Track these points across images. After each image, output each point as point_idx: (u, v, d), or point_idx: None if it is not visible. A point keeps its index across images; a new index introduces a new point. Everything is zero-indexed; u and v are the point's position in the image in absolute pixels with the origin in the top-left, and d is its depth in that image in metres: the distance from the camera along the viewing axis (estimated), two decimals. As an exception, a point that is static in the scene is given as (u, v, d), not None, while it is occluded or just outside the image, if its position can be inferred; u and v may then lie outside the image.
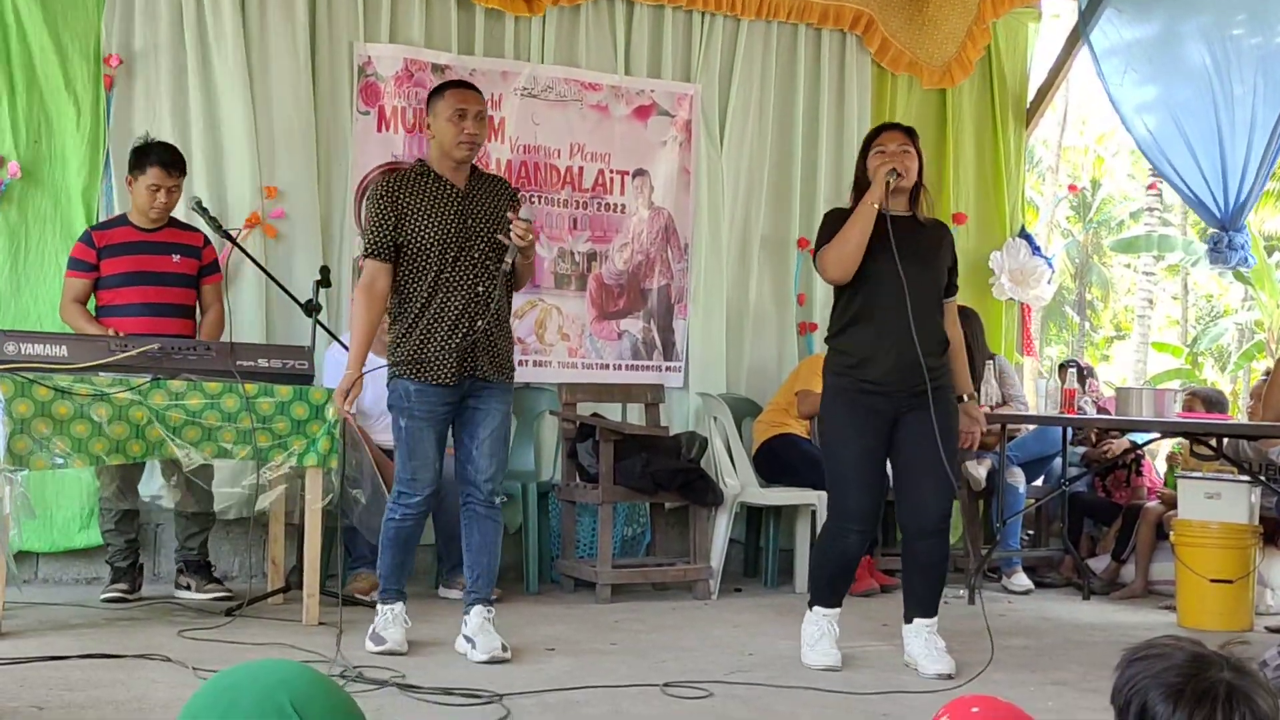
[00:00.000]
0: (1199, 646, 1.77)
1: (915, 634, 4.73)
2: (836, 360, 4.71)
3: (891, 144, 4.69)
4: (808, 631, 4.76)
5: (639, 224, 7.11)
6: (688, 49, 7.27)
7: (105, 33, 5.97)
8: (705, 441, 6.62)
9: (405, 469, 4.64)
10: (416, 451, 4.60)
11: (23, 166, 5.85)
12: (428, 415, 4.59)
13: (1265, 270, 18.41)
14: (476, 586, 4.71)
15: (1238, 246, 7.70)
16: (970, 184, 8.11)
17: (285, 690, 1.65)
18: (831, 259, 4.62)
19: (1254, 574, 6.06)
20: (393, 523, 4.68)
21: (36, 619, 5.04)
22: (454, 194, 4.63)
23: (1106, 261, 29.63)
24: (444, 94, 4.68)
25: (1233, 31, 7.54)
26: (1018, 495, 6.97)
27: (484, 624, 4.65)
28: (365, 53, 6.46)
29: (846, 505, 4.63)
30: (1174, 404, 6.57)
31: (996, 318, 8.07)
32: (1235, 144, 7.54)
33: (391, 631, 4.65)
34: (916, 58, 7.73)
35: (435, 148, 4.68)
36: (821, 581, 4.78)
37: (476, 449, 4.65)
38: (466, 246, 4.57)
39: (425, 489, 4.62)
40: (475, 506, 4.69)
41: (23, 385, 4.62)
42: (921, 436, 4.58)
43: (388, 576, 4.74)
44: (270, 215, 6.18)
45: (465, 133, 4.58)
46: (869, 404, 4.61)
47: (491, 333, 4.61)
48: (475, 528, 4.71)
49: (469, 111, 4.60)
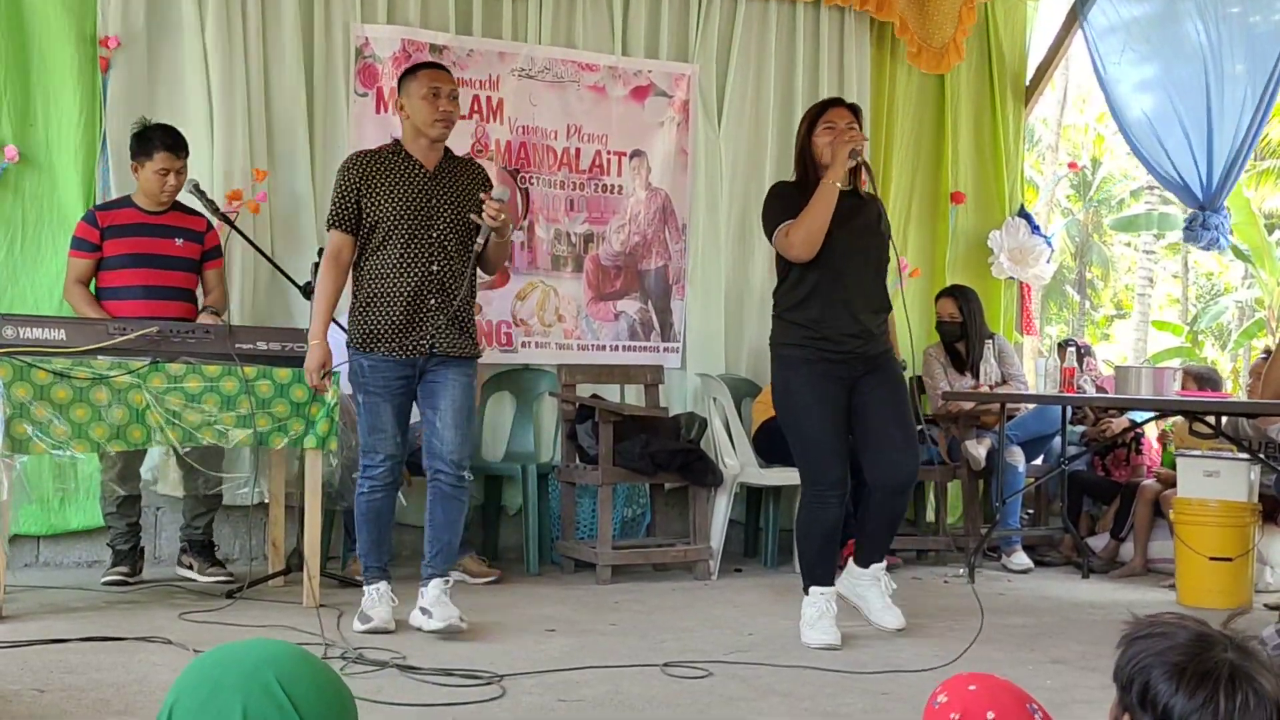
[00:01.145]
0: (1202, 625, 1.77)
1: (872, 579, 4.92)
2: (795, 332, 4.80)
3: (840, 121, 4.79)
4: (807, 613, 4.79)
5: (636, 205, 7.10)
6: (685, 29, 7.25)
7: (101, 14, 5.95)
8: (704, 422, 6.63)
9: (365, 442, 4.74)
10: (374, 425, 4.70)
11: (19, 150, 5.83)
12: (382, 388, 4.68)
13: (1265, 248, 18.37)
14: (434, 563, 4.73)
15: (1212, 226, 7.69)
16: (969, 163, 8.10)
17: (271, 667, 1.65)
18: (800, 239, 4.70)
19: (1253, 552, 6.07)
20: (362, 497, 4.76)
21: (37, 602, 5.05)
22: (420, 174, 4.70)
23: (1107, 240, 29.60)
24: (416, 74, 4.77)
25: (1229, 9, 7.51)
26: (1017, 474, 6.98)
27: (440, 595, 4.66)
28: (363, 34, 6.44)
29: (824, 473, 4.73)
30: (1173, 382, 6.57)
31: (996, 297, 8.06)
32: (1225, 124, 7.53)
33: (378, 610, 4.67)
34: (917, 37, 7.69)
35: (409, 128, 4.75)
36: (811, 556, 4.84)
37: (440, 420, 4.69)
38: (426, 226, 4.64)
39: (385, 459, 4.70)
40: (442, 484, 4.72)
41: (21, 369, 4.61)
42: (884, 397, 4.78)
43: (367, 554, 4.80)
44: (256, 196, 6.16)
45: (440, 110, 4.67)
46: (830, 371, 4.74)
47: (448, 310, 4.66)
48: (439, 505, 4.74)
49: (443, 90, 4.69)
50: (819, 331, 4.74)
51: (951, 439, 7.12)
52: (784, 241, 4.75)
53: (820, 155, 4.77)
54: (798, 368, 4.77)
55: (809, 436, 4.76)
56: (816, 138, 4.79)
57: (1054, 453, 7.33)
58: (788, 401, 4.84)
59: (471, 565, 5.95)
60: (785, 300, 4.87)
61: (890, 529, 4.97)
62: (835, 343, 4.73)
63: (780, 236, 4.76)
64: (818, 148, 4.78)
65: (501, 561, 6.38)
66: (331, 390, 5.04)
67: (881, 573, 4.96)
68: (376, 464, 4.72)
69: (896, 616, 4.89)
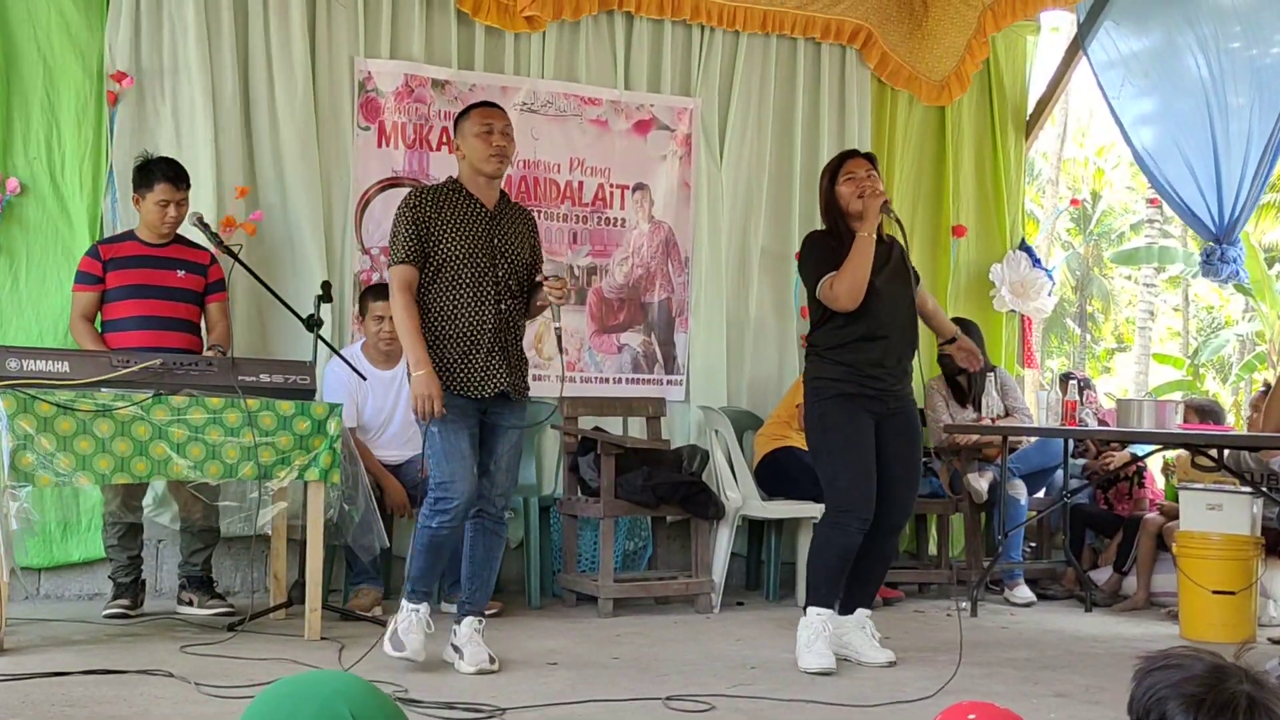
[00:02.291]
0: (1218, 658, 1.77)
1: (859, 625, 5.03)
2: (836, 369, 4.96)
3: (860, 170, 5.02)
4: (803, 635, 4.89)
5: (639, 238, 7.12)
6: (687, 63, 7.29)
7: (109, 49, 5.99)
8: (706, 454, 6.63)
9: (442, 472, 4.57)
10: (452, 454, 4.57)
11: (24, 183, 5.86)
12: (459, 419, 4.59)
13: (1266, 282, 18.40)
14: (474, 599, 4.76)
15: (1230, 260, 7.71)
16: (970, 196, 8.12)
17: (344, 700, 1.67)
18: (844, 291, 4.90)
19: (1256, 585, 6.06)
20: (428, 530, 4.60)
21: (39, 635, 5.04)
22: (483, 213, 4.73)
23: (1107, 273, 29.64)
24: (470, 114, 4.81)
25: (1230, 44, 7.55)
26: (1019, 507, 6.97)
27: (474, 635, 4.67)
28: (365, 68, 6.48)
29: (850, 498, 4.87)
30: (1175, 415, 6.57)
31: (997, 330, 8.07)
32: (1231, 157, 7.55)
33: (412, 638, 4.60)
34: (916, 72, 7.75)
35: (466, 167, 4.78)
36: (820, 578, 4.94)
37: (494, 465, 4.72)
38: (492, 265, 4.67)
39: (463, 493, 4.55)
40: (485, 521, 4.75)
41: (25, 401, 4.62)
42: (902, 437, 4.99)
43: (418, 579, 4.67)
44: (251, 216, 6.19)
45: (494, 146, 4.70)
46: (866, 406, 4.92)
47: (516, 351, 4.73)
48: (481, 541, 4.76)
49: (495, 126, 4.73)
50: (860, 370, 4.92)
51: (954, 472, 7.12)
52: (829, 294, 4.94)
53: (847, 205, 4.99)
54: (836, 401, 4.95)
55: (840, 465, 4.92)
56: (840, 188, 5.02)
57: (1056, 486, 7.32)
58: (823, 432, 5.00)
59: None
60: (827, 340, 5.02)
61: (880, 569, 5.13)
62: (874, 379, 4.92)
63: (825, 289, 4.95)
64: (843, 197, 5.01)
65: (503, 594, 6.35)
66: (334, 422, 5.05)
67: (866, 620, 5.05)
68: (454, 497, 4.55)
69: (886, 652, 4.98)
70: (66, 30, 5.92)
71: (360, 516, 5.30)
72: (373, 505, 5.39)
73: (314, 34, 6.40)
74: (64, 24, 5.92)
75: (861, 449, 4.90)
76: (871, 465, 4.91)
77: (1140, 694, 1.78)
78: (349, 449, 5.33)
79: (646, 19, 7.12)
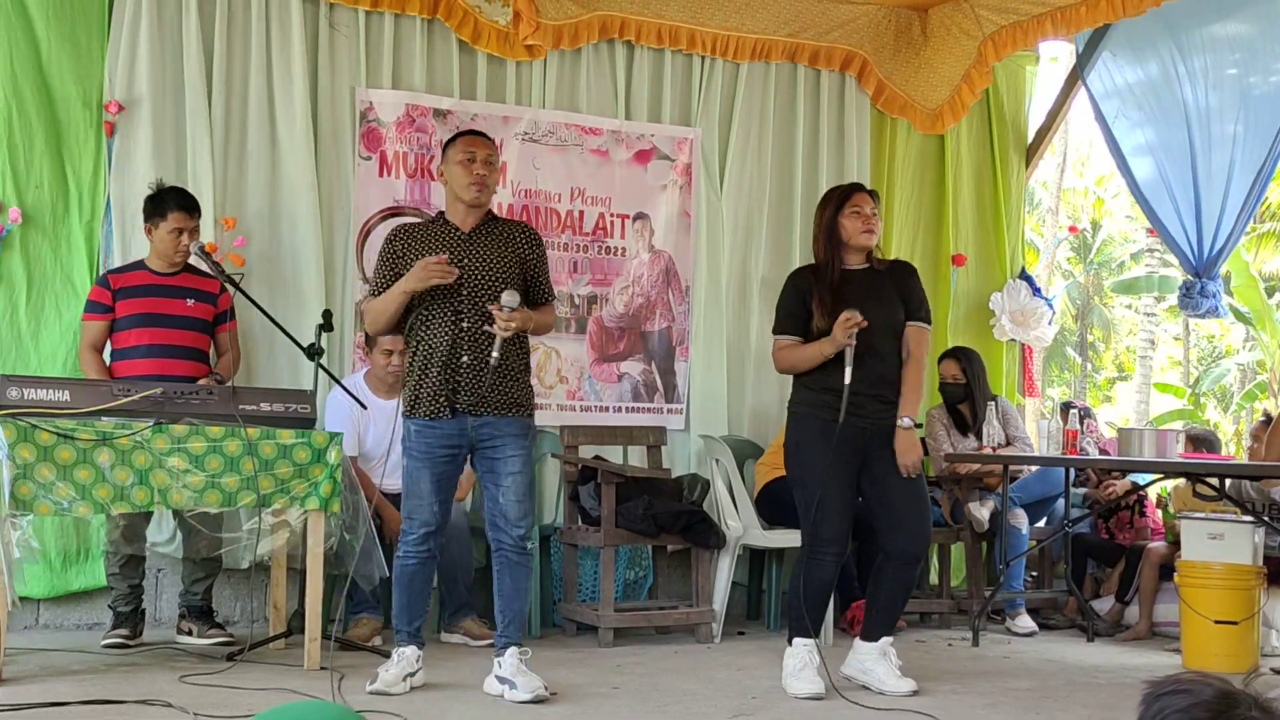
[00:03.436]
0: (1226, 684, 1.77)
1: (881, 653, 4.99)
2: (814, 396, 4.98)
3: (866, 206, 5.04)
4: (789, 664, 4.94)
5: (640, 267, 7.13)
6: (687, 93, 7.32)
7: (109, 78, 6.01)
8: (707, 483, 6.62)
9: (404, 507, 4.80)
10: (412, 490, 4.77)
11: (24, 212, 5.87)
12: (424, 455, 4.73)
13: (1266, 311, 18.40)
14: (508, 631, 4.74)
15: (1210, 294, 7.71)
16: (970, 225, 8.14)
17: None
18: (782, 367, 5.07)
19: (1259, 615, 6.04)
20: (398, 559, 4.81)
21: (38, 665, 5.03)
22: (455, 236, 4.76)
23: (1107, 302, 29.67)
24: (455, 141, 4.87)
25: (1227, 72, 7.57)
26: (1020, 537, 6.96)
27: (520, 665, 4.67)
28: (367, 98, 6.51)
29: (823, 531, 4.88)
30: (1176, 445, 6.56)
31: (998, 359, 8.08)
32: (1212, 189, 7.57)
33: (389, 672, 4.67)
34: (911, 100, 7.77)
35: (449, 194, 4.84)
36: (799, 610, 4.97)
37: (502, 495, 4.73)
38: (454, 284, 4.65)
39: (419, 528, 4.75)
40: (507, 554, 4.76)
41: (25, 430, 4.62)
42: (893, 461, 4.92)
43: (396, 617, 4.82)
44: (234, 244, 6.20)
45: (474, 174, 4.73)
46: (844, 434, 4.87)
47: (488, 369, 4.63)
48: (506, 574, 4.77)
49: (478, 155, 4.76)
50: (836, 395, 4.86)
51: (955, 501, 7.11)
52: (774, 354, 5.08)
53: (848, 237, 5.00)
54: (811, 428, 4.94)
55: (812, 494, 4.89)
56: (845, 220, 5.01)
57: (1057, 515, 7.31)
58: (798, 460, 5.00)
59: (472, 627, 5.92)
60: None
61: (902, 601, 5.10)
62: (852, 405, 4.84)
63: (775, 346, 5.07)
64: (845, 229, 5.01)
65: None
66: (334, 451, 5.05)
67: (889, 647, 5.02)
68: (412, 530, 4.76)
69: (908, 682, 4.93)
70: (67, 59, 5.94)
71: (360, 546, 5.29)
72: (373, 534, 5.38)
73: (316, 64, 6.43)
74: (65, 53, 5.93)
75: (836, 481, 4.87)
76: (848, 496, 4.91)
77: (1149, 718, 1.77)
78: (349, 478, 5.32)
79: (647, 49, 7.15)
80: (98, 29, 6.02)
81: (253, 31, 6.27)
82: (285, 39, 6.32)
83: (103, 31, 6.03)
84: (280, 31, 6.32)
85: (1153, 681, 1.81)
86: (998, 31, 7.56)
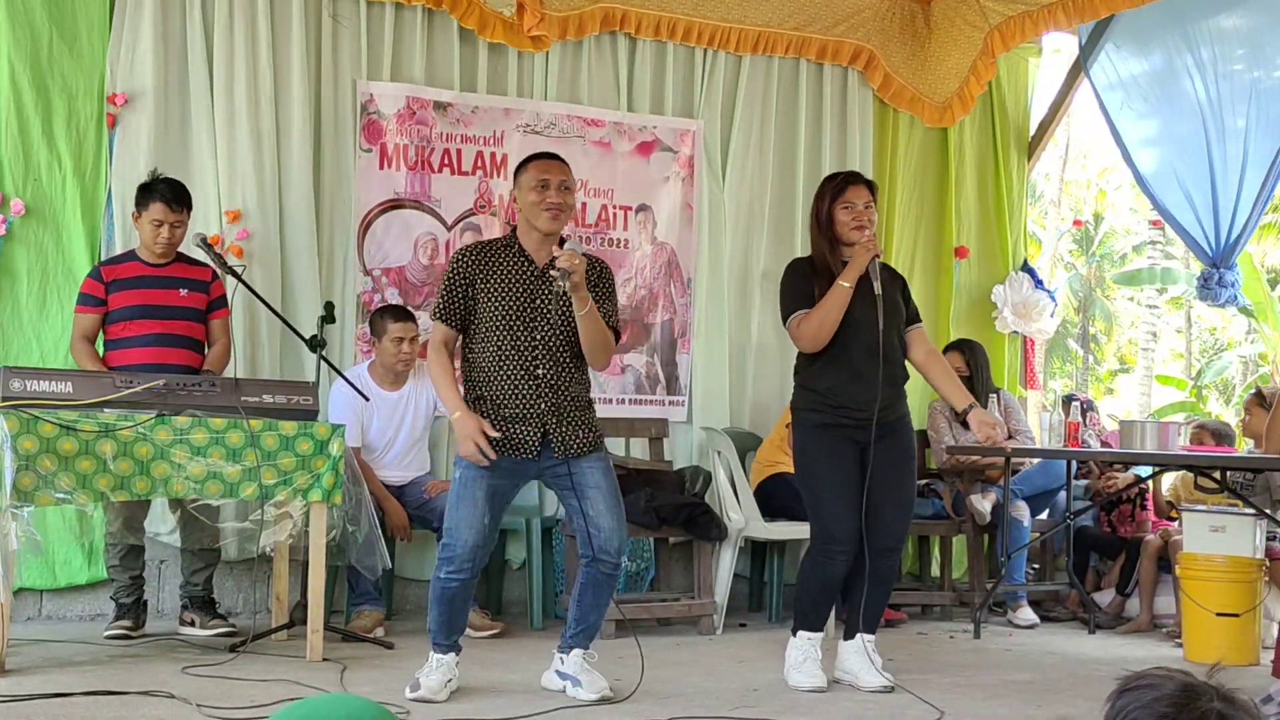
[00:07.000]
0: (1189, 677, 1.79)
1: (857, 650, 4.95)
2: (813, 398, 4.96)
3: (859, 201, 4.95)
4: (792, 655, 4.94)
5: (642, 259, 7.13)
6: (690, 85, 7.31)
7: (111, 71, 6.01)
8: (709, 476, 6.62)
9: (449, 518, 4.51)
10: (463, 500, 4.48)
11: (26, 204, 5.87)
12: (483, 470, 4.46)
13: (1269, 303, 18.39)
14: (578, 639, 4.65)
15: (1228, 284, 7.70)
16: (973, 217, 8.13)
17: None
18: (809, 334, 4.90)
19: (1260, 608, 6.04)
20: (437, 580, 4.53)
21: (40, 656, 5.03)
22: (529, 272, 4.54)
23: (1109, 295, 29.65)
24: (527, 166, 4.63)
25: (1232, 66, 7.56)
26: (1022, 529, 6.96)
27: (586, 666, 4.62)
28: (368, 90, 6.50)
29: (833, 529, 4.85)
30: (1178, 436, 6.56)
31: (1000, 351, 8.07)
32: (1228, 180, 7.55)
33: (430, 679, 4.50)
34: (919, 93, 7.77)
35: (522, 220, 4.61)
36: (806, 605, 4.97)
37: (593, 509, 4.52)
38: (529, 328, 4.49)
39: (462, 546, 4.45)
40: (600, 571, 4.57)
41: (28, 421, 4.62)
42: (889, 461, 4.88)
43: (435, 631, 4.57)
44: (237, 237, 6.19)
45: (548, 201, 4.52)
46: (847, 435, 4.87)
47: (562, 414, 4.52)
48: (591, 590, 4.61)
49: (551, 181, 4.54)
50: (836, 400, 4.88)
51: (956, 493, 7.11)
52: (795, 333, 4.96)
53: (841, 231, 4.93)
54: (817, 432, 4.93)
55: (821, 496, 4.90)
56: (838, 213, 4.93)
57: (1059, 507, 7.31)
58: (805, 463, 5.00)
59: (474, 619, 5.92)
60: (805, 370, 5.03)
61: (878, 591, 5.00)
62: (852, 409, 4.86)
63: (793, 326, 4.96)
64: (839, 222, 4.93)
65: (505, 616, 6.36)
66: (337, 443, 5.05)
67: (869, 644, 4.97)
68: (455, 549, 4.47)
69: (882, 678, 4.88)
70: (69, 52, 5.94)
71: (363, 537, 5.29)
72: (376, 525, 5.38)
73: (317, 57, 6.42)
74: (67, 46, 5.94)
75: (842, 481, 4.84)
76: (854, 495, 4.83)
77: (1113, 714, 1.79)
78: (352, 469, 5.32)
79: (649, 41, 7.14)
80: (100, 22, 6.02)
81: (254, 24, 6.26)
82: (286, 31, 6.32)
83: (105, 24, 6.03)
84: (282, 24, 6.32)
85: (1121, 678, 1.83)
86: (1005, 22, 7.54)
